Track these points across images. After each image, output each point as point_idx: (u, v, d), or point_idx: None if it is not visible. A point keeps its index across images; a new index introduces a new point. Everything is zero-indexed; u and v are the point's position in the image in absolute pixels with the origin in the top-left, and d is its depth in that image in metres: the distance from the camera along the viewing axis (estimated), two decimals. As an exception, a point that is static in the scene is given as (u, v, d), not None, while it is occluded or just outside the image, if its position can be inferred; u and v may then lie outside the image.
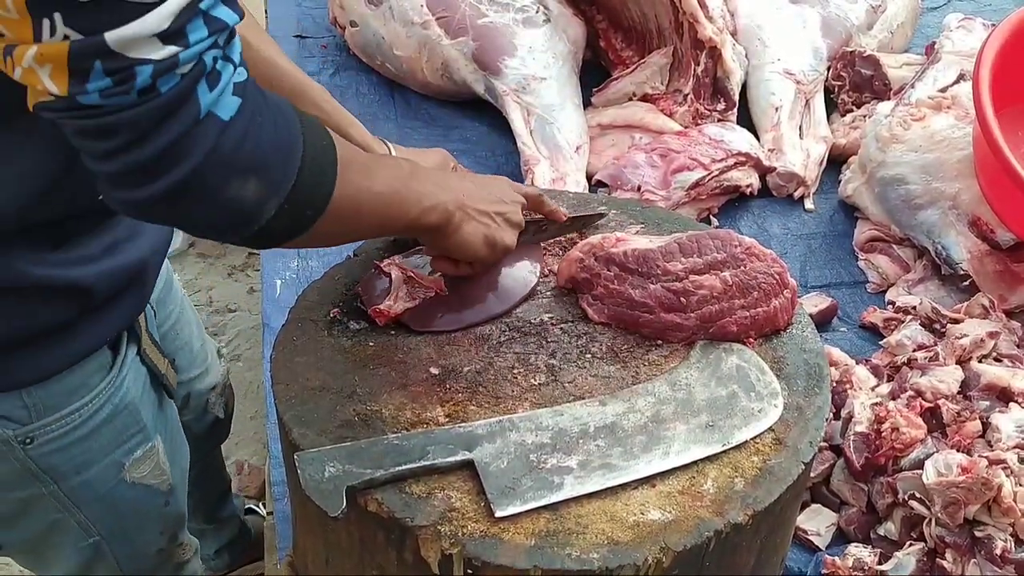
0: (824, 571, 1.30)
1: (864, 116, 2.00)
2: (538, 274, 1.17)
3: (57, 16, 0.72)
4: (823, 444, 1.41)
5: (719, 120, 1.95)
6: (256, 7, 2.47)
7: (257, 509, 2.08)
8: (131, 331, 1.20)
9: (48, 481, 1.17)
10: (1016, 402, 1.40)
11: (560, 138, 1.89)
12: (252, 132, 0.81)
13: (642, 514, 0.92)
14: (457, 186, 1.07)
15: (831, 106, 2.09)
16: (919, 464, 1.32)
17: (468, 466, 0.94)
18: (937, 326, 1.58)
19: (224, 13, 0.79)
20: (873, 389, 1.48)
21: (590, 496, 0.93)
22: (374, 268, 1.15)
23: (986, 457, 1.29)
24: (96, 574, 1.33)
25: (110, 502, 1.25)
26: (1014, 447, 1.32)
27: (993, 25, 1.76)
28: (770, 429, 1.01)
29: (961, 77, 1.86)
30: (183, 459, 1.38)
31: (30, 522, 1.23)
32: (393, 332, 1.10)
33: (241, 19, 0.82)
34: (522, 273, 1.17)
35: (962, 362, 1.48)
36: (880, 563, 1.30)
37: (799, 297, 1.17)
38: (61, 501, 1.21)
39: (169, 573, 1.45)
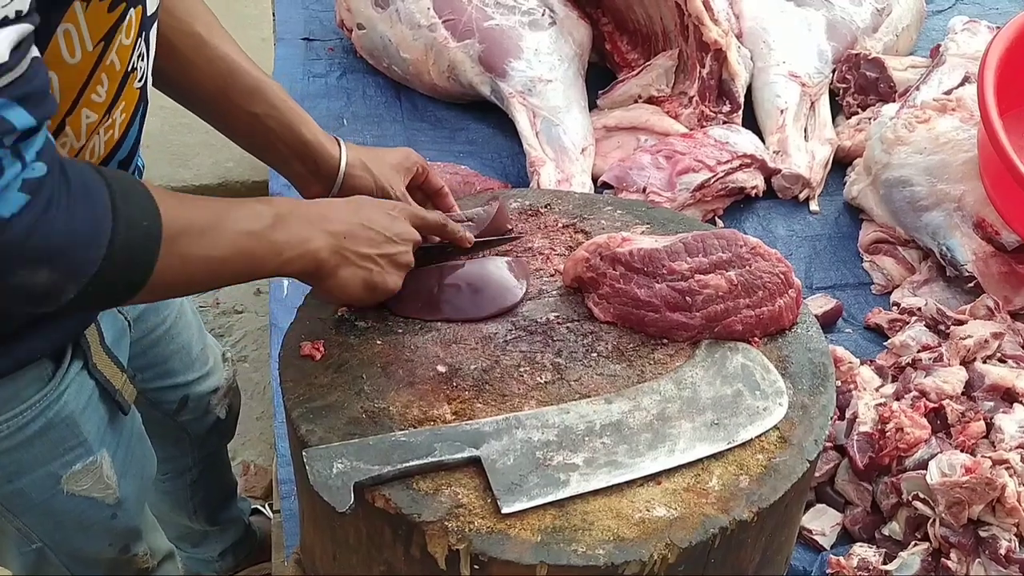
0: (829, 571, 1.31)
1: (869, 118, 2.00)
2: (524, 289, 1.16)
3: None
4: (828, 444, 1.41)
5: (724, 122, 1.96)
6: (264, 10, 2.49)
7: (263, 510, 2.08)
8: (77, 345, 1.16)
9: None
10: (1020, 402, 1.41)
11: (566, 140, 1.90)
12: (42, 225, 0.81)
13: (647, 511, 0.92)
14: (338, 227, 1.04)
15: (836, 108, 2.10)
16: (923, 464, 1.32)
17: (475, 463, 0.95)
18: (942, 327, 1.58)
19: (15, 115, 0.78)
20: (877, 390, 1.48)
21: (596, 493, 0.93)
22: None
23: (990, 457, 1.30)
24: (45, 574, 1.32)
25: (47, 511, 1.23)
26: (1018, 447, 1.33)
27: (998, 28, 1.77)
28: (775, 427, 1.02)
29: (966, 79, 1.87)
30: (141, 472, 1.35)
31: None
32: (400, 331, 1.11)
33: (47, 118, 0.81)
34: (508, 284, 1.16)
35: (966, 363, 1.48)
36: (885, 563, 1.30)
37: (804, 298, 1.17)
38: None
39: None
